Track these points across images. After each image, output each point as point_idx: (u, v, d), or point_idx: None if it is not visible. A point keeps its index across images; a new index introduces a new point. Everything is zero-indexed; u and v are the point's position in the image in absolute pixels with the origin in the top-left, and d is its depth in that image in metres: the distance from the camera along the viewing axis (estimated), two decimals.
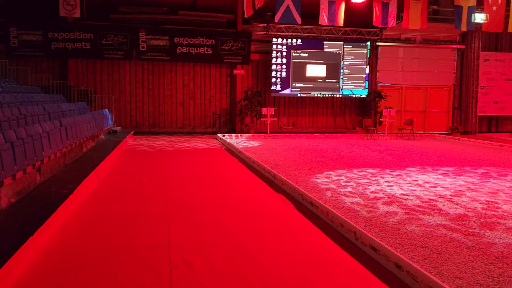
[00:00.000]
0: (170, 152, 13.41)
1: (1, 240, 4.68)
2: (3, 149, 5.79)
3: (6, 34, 18.29)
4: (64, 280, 4.13)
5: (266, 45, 20.81)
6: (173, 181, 8.93)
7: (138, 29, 19.34)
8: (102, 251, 4.91)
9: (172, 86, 20.52)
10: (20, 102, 11.53)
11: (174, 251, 4.90)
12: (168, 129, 20.54)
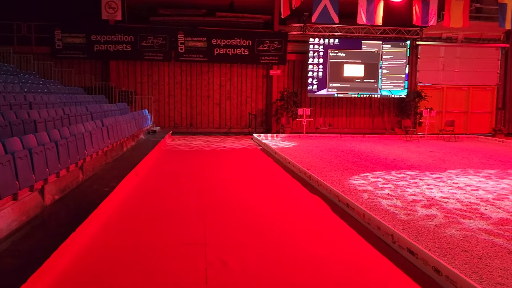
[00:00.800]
0: (207, 152, 13.58)
1: (45, 236, 4.88)
2: (48, 148, 6.04)
3: (51, 36, 19.03)
4: (103, 276, 4.26)
5: (302, 45, 20.73)
6: (209, 181, 9.04)
7: (177, 31, 19.69)
8: (140, 248, 5.03)
9: (209, 87, 20.77)
10: (64, 103, 11.97)
11: (210, 250, 4.97)
12: (205, 129, 20.80)
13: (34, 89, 12.26)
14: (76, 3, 19.42)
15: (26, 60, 18.55)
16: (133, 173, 8.81)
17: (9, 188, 4.84)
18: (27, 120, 7.52)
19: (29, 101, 9.91)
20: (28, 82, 13.29)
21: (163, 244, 5.16)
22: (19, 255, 4.20)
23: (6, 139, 5.53)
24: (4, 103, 8.58)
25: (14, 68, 15.80)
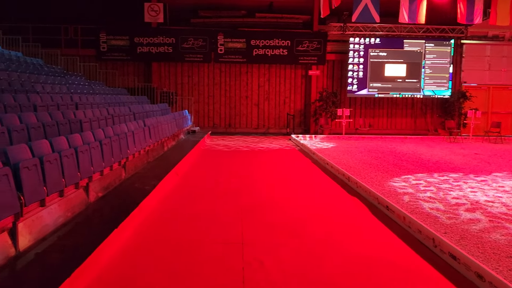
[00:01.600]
0: (245, 152, 13.66)
1: (88, 232, 5.06)
2: (93, 147, 6.26)
3: (97, 39, 19.69)
4: (142, 273, 4.38)
5: (342, 45, 20.51)
6: (247, 181, 9.10)
7: (216, 33, 19.92)
8: (179, 246, 5.13)
9: (247, 88, 20.89)
10: (109, 103, 12.36)
11: (247, 249, 5.00)
12: (243, 129, 20.93)
13: (80, 90, 12.72)
14: (120, 6, 20.02)
15: (73, 62, 19.28)
16: (173, 172, 8.99)
17: (56, 185, 5.05)
18: (73, 120, 7.82)
19: (75, 101, 10.30)
20: (75, 84, 13.81)
21: (201, 243, 5.24)
22: (64, 250, 4.38)
23: (54, 138, 5.77)
24: (52, 104, 8.95)
25: (61, 70, 16.46)
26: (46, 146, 5.43)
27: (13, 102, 7.72)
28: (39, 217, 4.73)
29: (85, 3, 19.96)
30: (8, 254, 4.06)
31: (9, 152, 4.60)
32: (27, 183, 4.38)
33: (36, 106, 8.23)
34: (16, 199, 4.14)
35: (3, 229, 4.05)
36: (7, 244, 4.10)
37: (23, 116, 6.75)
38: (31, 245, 4.40)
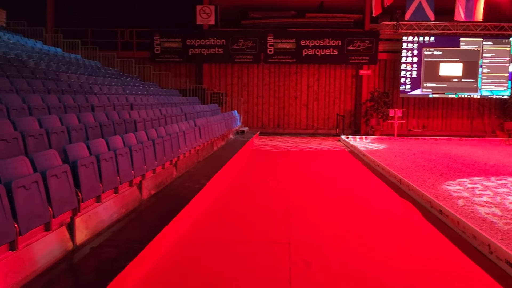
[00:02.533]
0: (293, 153, 13.63)
1: (141, 228, 5.25)
2: (146, 146, 6.48)
3: (151, 42, 20.32)
4: (191, 269, 4.49)
5: (395, 44, 20.00)
6: (295, 181, 9.08)
7: (266, 33, 20.01)
8: (227, 244, 5.21)
9: (296, 88, 20.82)
10: (161, 104, 12.73)
11: (294, 249, 5.01)
12: (292, 130, 20.89)
13: (135, 91, 13.19)
14: (173, 9, 20.57)
15: (128, 64, 20.01)
16: (222, 172, 9.13)
17: (111, 182, 5.27)
18: (128, 120, 8.12)
19: (130, 102, 10.69)
20: (130, 85, 14.32)
21: (249, 241, 5.30)
22: (118, 244, 4.56)
23: (109, 137, 6.02)
24: (108, 104, 9.34)
25: (117, 71, 17.12)
26: (102, 145, 5.68)
27: (73, 103, 8.13)
28: (95, 212, 4.95)
29: (140, 7, 20.67)
30: (66, 247, 4.28)
31: (68, 150, 4.85)
32: (84, 180, 4.60)
33: (94, 106, 8.62)
34: (74, 195, 4.36)
35: (61, 224, 4.27)
36: (65, 238, 4.33)
37: (82, 116, 7.09)
38: (87, 240, 4.62)
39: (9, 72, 8.76)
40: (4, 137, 4.67)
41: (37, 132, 5.30)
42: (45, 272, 3.75)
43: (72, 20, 20.79)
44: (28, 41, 15.26)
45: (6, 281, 3.34)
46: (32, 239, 3.76)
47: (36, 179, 3.78)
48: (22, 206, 3.53)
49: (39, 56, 12.49)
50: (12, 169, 3.78)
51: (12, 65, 9.60)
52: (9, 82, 7.84)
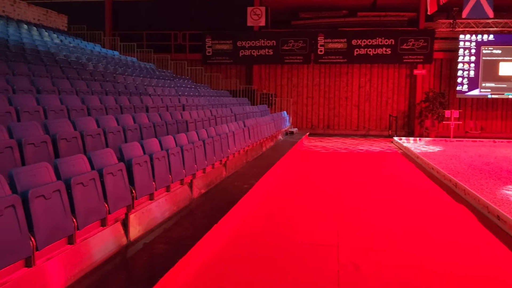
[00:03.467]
0: (343, 154, 13.45)
1: (191, 225, 5.37)
2: (197, 146, 6.62)
3: (203, 44, 20.72)
4: (238, 269, 4.53)
5: (451, 43, 19.26)
6: (345, 183, 8.96)
7: (316, 34, 19.87)
8: (275, 245, 5.23)
9: (347, 88, 20.52)
10: (212, 105, 12.96)
11: (342, 252, 4.94)
12: (342, 131, 20.60)
13: (187, 93, 13.50)
14: (224, 12, 20.87)
15: (181, 66, 20.52)
16: (271, 172, 9.16)
17: (163, 181, 5.43)
18: (180, 121, 8.33)
19: (182, 103, 10.96)
20: (182, 86, 14.69)
21: (297, 243, 5.29)
22: (169, 241, 4.69)
23: (162, 137, 6.21)
24: (162, 105, 9.63)
25: (171, 73, 17.60)
26: (155, 144, 5.86)
27: (128, 104, 8.44)
28: (148, 209, 5.12)
29: (192, 10, 21.13)
30: (121, 243, 4.46)
31: (124, 149, 5.05)
32: (138, 178, 4.77)
33: (148, 107, 8.92)
34: (128, 192, 4.53)
35: (116, 220, 4.45)
36: (120, 233, 4.51)
37: (137, 116, 7.35)
38: (140, 236, 4.78)
39: (69, 74, 9.23)
40: (65, 136, 4.92)
41: (95, 131, 5.55)
42: (101, 265, 3.93)
43: (129, 24, 21.58)
44: (88, 44, 16.01)
45: (65, 273, 3.52)
46: (89, 234, 3.95)
47: (93, 176, 3.96)
48: (80, 202, 3.71)
49: (97, 59, 13.06)
50: (72, 166, 3.98)
51: (72, 67, 10.11)
52: (70, 84, 8.26)
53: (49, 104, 6.23)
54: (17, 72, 7.72)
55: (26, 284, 3.10)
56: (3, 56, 8.65)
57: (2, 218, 2.86)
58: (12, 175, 3.27)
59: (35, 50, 10.53)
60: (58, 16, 18.24)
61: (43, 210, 3.25)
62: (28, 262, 3.12)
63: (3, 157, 3.96)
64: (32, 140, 4.40)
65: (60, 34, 15.67)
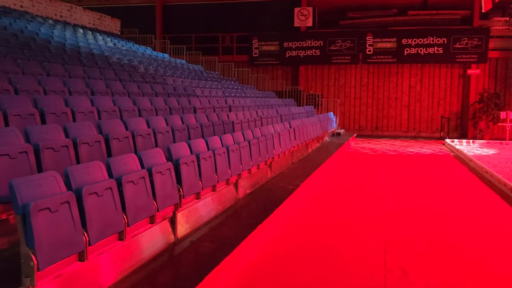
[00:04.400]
0: (392, 157, 13.14)
1: (236, 225, 5.42)
2: (242, 147, 6.69)
3: (249, 46, 20.88)
4: (284, 270, 4.54)
5: (507, 41, 18.36)
6: (393, 186, 8.76)
7: (365, 33, 19.54)
8: (320, 247, 5.19)
9: (397, 89, 20.03)
10: (258, 106, 13.03)
11: (389, 256, 4.84)
12: (391, 132, 20.13)
13: (233, 94, 13.66)
14: (271, 13, 20.94)
15: (228, 68, 20.78)
16: (316, 174, 9.10)
17: (209, 180, 5.53)
18: (226, 121, 8.44)
19: (229, 104, 11.10)
20: (229, 88, 14.87)
21: (343, 246, 5.23)
22: (215, 240, 4.77)
23: (209, 138, 6.32)
24: (209, 106, 9.80)
25: (218, 75, 17.86)
26: (202, 145, 5.98)
27: (177, 105, 8.66)
28: (194, 208, 5.23)
29: (239, 12, 21.35)
30: (168, 240, 4.58)
31: (172, 149, 5.18)
32: (185, 177, 4.88)
33: (196, 108, 9.10)
34: (176, 191, 4.65)
35: (164, 217, 4.58)
36: (167, 231, 4.63)
37: (185, 117, 7.52)
38: (187, 234, 4.89)
39: (122, 77, 9.58)
40: (117, 136, 5.13)
41: (145, 132, 5.74)
42: (149, 261, 4.05)
43: (178, 27, 22.10)
44: (139, 47, 16.54)
45: (115, 268, 3.67)
46: (138, 231, 4.08)
47: (143, 175, 4.10)
48: (130, 199, 3.85)
49: (148, 61, 13.47)
50: (123, 165, 4.14)
51: (124, 70, 10.48)
52: (122, 86, 8.57)
53: (102, 105, 6.50)
54: (73, 74, 8.10)
55: (79, 277, 3.25)
56: (61, 59, 9.11)
57: (58, 214, 3.01)
58: (68, 173, 3.44)
59: (90, 54, 11.01)
60: (111, 21, 18.97)
61: (95, 206, 3.40)
62: (81, 257, 3.27)
63: (59, 156, 4.17)
64: (87, 140, 4.61)
65: (113, 38, 16.28)
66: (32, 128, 4.45)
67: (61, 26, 14.00)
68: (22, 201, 2.87)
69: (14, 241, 3.56)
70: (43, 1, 15.20)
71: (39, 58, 8.34)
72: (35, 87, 6.28)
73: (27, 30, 11.01)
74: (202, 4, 21.89)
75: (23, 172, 3.68)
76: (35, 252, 2.79)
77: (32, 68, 7.34)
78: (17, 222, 2.83)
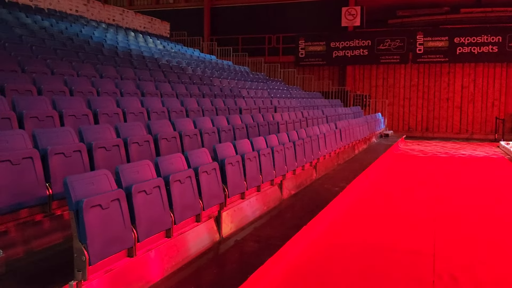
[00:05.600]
0: (443, 159, 12.70)
1: (281, 225, 5.43)
2: (287, 147, 6.68)
3: (296, 46, 20.83)
4: (329, 273, 4.50)
5: None
6: (443, 189, 8.47)
7: (415, 32, 19.01)
8: (366, 251, 5.10)
9: (449, 89, 19.33)
10: (303, 107, 12.98)
11: (438, 261, 4.69)
12: (442, 134, 19.46)
13: (279, 95, 13.67)
14: (317, 13, 20.79)
15: (274, 68, 20.83)
16: (363, 176, 8.95)
17: (254, 181, 5.57)
18: (272, 122, 8.47)
19: (274, 105, 11.12)
20: (275, 89, 14.90)
21: (388, 250, 5.11)
22: (259, 240, 4.80)
23: (254, 138, 6.36)
24: (254, 107, 9.86)
25: (264, 76, 17.93)
26: (247, 145, 6.03)
27: (223, 106, 8.78)
28: (239, 208, 5.28)
29: (286, 13, 21.34)
30: (213, 239, 4.65)
31: (217, 149, 5.26)
32: (230, 177, 4.94)
33: (241, 109, 9.19)
34: (221, 190, 4.71)
35: (210, 216, 4.65)
36: (213, 230, 4.71)
37: (230, 118, 7.61)
38: (232, 233, 4.94)
39: (171, 78, 9.82)
40: (165, 136, 5.27)
41: (192, 132, 5.86)
42: (195, 259, 4.13)
43: (225, 29, 22.39)
44: (188, 50, 16.89)
45: (162, 264, 3.77)
46: (184, 229, 4.18)
47: (189, 174, 4.19)
48: (177, 198, 3.94)
49: (196, 63, 13.73)
50: (170, 164, 4.25)
51: (173, 72, 10.74)
52: (171, 87, 8.79)
53: (152, 106, 6.70)
54: (125, 76, 8.39)
55: (128, 272, 3.37)
56: (113, 62, 9.46)
57: (108, 211, 3.14)
58: (118, 171, 3.58)
59: (141, 56, 11.36)
60: (161, 24, 19.49)
61: (144, 204, 3.51)
62: (130, 252, 3.38)
63: (110, 155, 4.34)
64: (137, 140, 4.77)
65: (163, 40, 16.73)
66: (85, 128, 4.65)
67: (113, 30, 14.54)
68: (75, 197, 3.00)
69: (68, 236, 3.73)
70: (97, 5, 15.84)
71: (93, 61, 8.71)
72: (89, 88, 6.56)
73: (82, 34, 11.52)
74: (249, 6, 22.05)
75: (77, 170, 3.86)
76: (87, 247, 2.91)
77: (86, 70, 7.68)
78: (71, 218, 2.96)
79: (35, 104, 4.98)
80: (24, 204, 3.41)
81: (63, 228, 3.86)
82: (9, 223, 3.40)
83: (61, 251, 3.63)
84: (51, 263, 3.47)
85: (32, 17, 11.21)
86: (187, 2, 23.25)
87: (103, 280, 3.11)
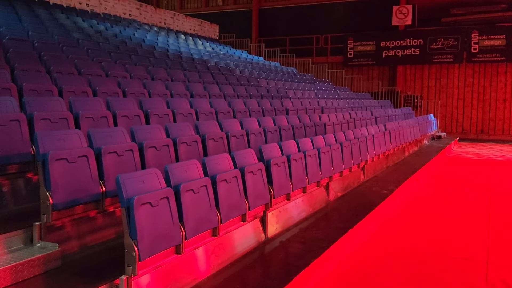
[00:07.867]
0: (499, 163, 12.12)
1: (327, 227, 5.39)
2: (334, 149, 6.62)
3: (344, 46, 20.55)
4: (376, 278, 4.41)
5: None
6: (499, 194, 8.08)
7: (470, 30, 18.27)
8: (415, 256, 4.97)
9: (506, 90, 18.42)
10: (351, 107, 12.79)
11: (492, 269, 4.49)
12: (498, 136, 18.57)
13: (326, 96, 13.55)
14: (366, 12, 20.42)
15: (322, 69, 20.66)
16: (413, 178, 8.71)
17: (300, 182, 5.55)
18: (318, 123, 8.41)
19: (321, 106, 11.04)
20: (322, 89, 14.77)
21: (440, 255, 4.95)
22: (304, 241, 4.78)
23: (300, 139, 6.34)
24: (301, 108, 9.82)
25: (311, 77, 17.82)
26: (293, 146, 6.02)
27: (270, 107, 8.81)
28: (285, 209, 5.29)
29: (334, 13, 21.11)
30: (259, 239, 4.69)
31: (263, 150, 5.29)
32: (276, 178, 4.96)
33: (288, 110, 9.18)
34: (267, 191, 4.74)
35: (255, 216, 4.69)
36: (258, 230, 4.74)
37: (277, 119, 7.63)
38: (277, 234, 4.96)
39: (219, 80, 9.98)
40: (212, 137, 5.37)
41: (239, 133, 5.93)
42: (240, 258, 4.18)
43: (273, 30, 22.45)
44: (236, 51, 17.08)
45: (208, 262, 3.84)
46: (230, 228, 4.24)
47: (235, 174, 4.24)
48: (223, 197, 4.01)
49: (244, 64, 13.86)
50: (217, 164, 4.32)
51: (221, 73, 10.90)
52: (219, 89, 8.93)
53: (200, 107, 6.84)
54: (175, 78, 8.62)
55: (175, 269, 3.46)
56: (164, 64, 9.73)
57: (158, 208, 3.24)
58: (167, 170, 3.68)
59: (190, 58, 11.61)
60: (210, 26, 19.83)
61: (191, 203, 3.60)
62: (178, 250, 3.47)
63: (160, 154, 4.47)
64: (185, 140, 4.89)
65: (212, 43, 17.01)
66: (137, 128, 4.82)
67: (164, 33, 14.94)
68: (127, 195, 3.12)
69: (120, 232, 3.88)
70: (149, 9, 16.35)
71: (145, 63, 9.00)
72: (141, 90, 6.79)
73: (135, 37, 11.92)
74: (296, 7, 21.99)
75: (129, 168, 4.01)
76: (137, 243, 3.02)
77: (138, 72, 7.95)
78: (122, 215, 3.09)
79: (90, 105, 5.22)
80: (79, 201, 3.58)
81: (115, 224, 4.02)
82: (65, 218, 3.58)
83: (113, 246, 3.79)
84: (104, 257, 3.62)
85: (88, 21, 11.73)
86: (235, 4, 23.50)
87: (152, 276, 3.22)
